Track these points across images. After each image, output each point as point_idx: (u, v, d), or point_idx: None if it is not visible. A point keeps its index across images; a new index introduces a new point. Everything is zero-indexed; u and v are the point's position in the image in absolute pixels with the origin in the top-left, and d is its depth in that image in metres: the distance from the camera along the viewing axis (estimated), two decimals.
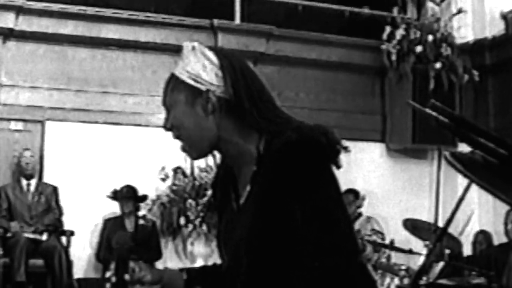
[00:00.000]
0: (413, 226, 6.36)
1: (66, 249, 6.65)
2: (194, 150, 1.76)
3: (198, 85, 1.70)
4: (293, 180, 1.60)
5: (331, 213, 1.63)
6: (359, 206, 7.14)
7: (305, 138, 1.62)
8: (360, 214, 7.08)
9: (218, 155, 1.81)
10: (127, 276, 1.76)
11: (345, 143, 1.70)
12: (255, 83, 1.73)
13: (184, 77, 1.72)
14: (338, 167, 1.66)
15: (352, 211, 6.98)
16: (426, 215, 7.79)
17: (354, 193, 6.99)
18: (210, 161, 7.29)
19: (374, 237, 6.75)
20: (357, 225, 6.88)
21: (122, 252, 1.61)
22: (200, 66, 1.71)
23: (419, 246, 6.42)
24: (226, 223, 1.80)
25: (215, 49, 1.76)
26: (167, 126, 1.77)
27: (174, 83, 1.74)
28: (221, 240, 1.84)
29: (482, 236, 6.91)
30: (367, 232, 6.82)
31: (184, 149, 1.77)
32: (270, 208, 1.63)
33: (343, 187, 1.78)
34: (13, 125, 7.07)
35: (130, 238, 6.85)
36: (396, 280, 5.91)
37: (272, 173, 1.62)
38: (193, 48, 1.74)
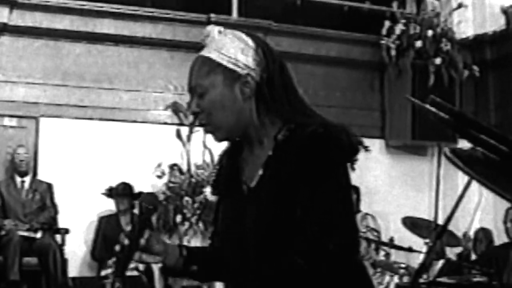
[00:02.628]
0: (412, 224, 6.30)
1: (60, 247, 6.61)
2: (224, 131, 1.75)
3: (237, 69, 1.71)
4: (314, 170, 1.63)
5: (342, 208, 1.67)
6: (358, 202, 7.07)
7: (330, 133, 1.65)
8: (357, 211, 7.01)
9: (214, 152, 1.89)
10: (142, 241, 1.76)
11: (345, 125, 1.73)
12: (287, 73, 1.76)
13: (222, 60, 1.71)
14: (353, 168, 1.72)
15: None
16: (426, 212, 7.75)
17: (354, 189, 6.93)
18: (207, 158, 7.27)
19: (368, 234, 6.69)
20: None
21: (148, 216, 1.60)
22: (238, 49, 1.71)
23: (419, 243, 6.38)
24: (231, 206, 1.81)
25: (248, 32, 1.77)
26: (195, 110, 1.77)
27: (209, 66, 1.72)
28: (223, 223, 1.84)
29: (483, 234, 6.85)
30: (362, 229, 6.77)
31: (210, 131, 1.76)
32: (287, 193, 1.65)
33: None
34: (7, 121, 7.01)
35: (125, 236, 6.79)
36: (396, 279, 5.87)
37: (295, 161, 1.64)
38: (220, 31, 1.75)
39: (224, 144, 1.89)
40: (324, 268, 1.64)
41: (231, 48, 1.72)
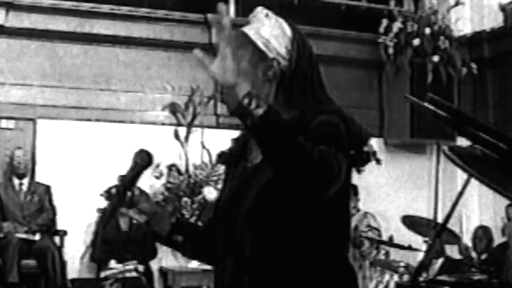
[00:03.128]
0: (411, 222, 6.30)
1: (59, 249, 6.61)
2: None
3: (267, 51, 1.78)
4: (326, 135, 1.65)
5: (341, 201, 1.74)
6: (357, 200, 7.05)
7: (341, 120, 1.70)
8: (357, 210, 6.99)
9: (213, 152, 1.90)
10: (129, 194, 1.83)
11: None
12: (316, 67, 1.83)
13: (256, 38, 1.79)
14: (359, 171, 1.71)
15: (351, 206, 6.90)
16: (425, 211, 7.73)
17: (353, 188, 6.91)
18: (205, 158, 7.25)
19: (369, 234, 6.68)
20: (354, 221, 6.80)
21: (139, 171, 1.62)
22: (274, 34, 1.79)
23: (418, 242, 6.36)
24: (233, 180, 1.87)
25: (289, 21, 1.85)
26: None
27: (243, 41, 1.79)
28: (222, 194, 1.90)
29: (482, 232, 6.84)
30: (362, 228, 6.76)
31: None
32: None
33: None
34: (4, 124, 6.99)
35: (125, 237, 6.78)
36: (396, 277, 5.87)
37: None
38: (267, 15, 1.82)
39: (222, 144, 1.92)
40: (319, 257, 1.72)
41: (268, 31, 1.80)
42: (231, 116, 1.62)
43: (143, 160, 1.85)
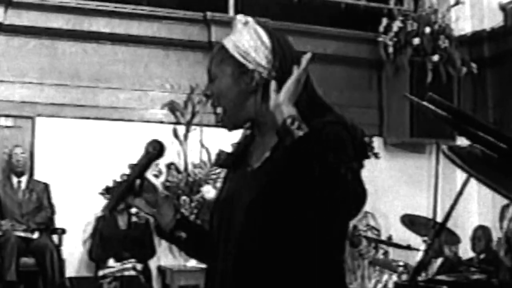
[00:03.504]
0: (411, 221, 6.28)
1: (57, 247, 6.59)
2: (230, 121, 1.82)
3: (246, 63, 1.76)
4: (319, 160, 1.61)
5: (338, 203, 1.65)
6: None
7: (342, 125, 1.69)
8: None
9: (212, 150, 1.89)
10: (138, 182, 1.82)
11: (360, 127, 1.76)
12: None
13: (234, 52, 1.77)
14: (361, 166, 1.71)
15: None
16: (424, 210, 7.72)
17: None
18: (204, 156, 7.24)
19: (368, 233, 6.67)
20: (354, 220, 6.79)
21: (150, 160, 1.64)
22: (252, 44, 1.77)
23: (417, 241, 6.35)
24: (232, 182, 1.85)
25: (268, 29, 1.81)
26: (207, 93, 1.86)
27: (223, 55, 1.79)
28: (219, 196, 1.89)
29: (481, 232, 6.82)
30: (362, 227, 6.75)
31: (220, 119, 1.83)
32: (284, 180, 1.65)
33: None
34: (3, 121, 6.97)
35: (123, 235, 6.78)
36: (394, 277, 5.85)
37: (299, 154, 1.62)
38: (246, 23, 1.79)
39: (221, 143, 1.93)
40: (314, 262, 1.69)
41: (246, 42, 1.78)
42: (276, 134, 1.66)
43: (155, 148, 1.85)
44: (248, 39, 1.78)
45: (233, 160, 1.90)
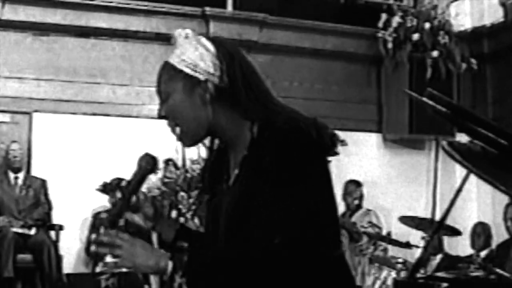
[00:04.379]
0: (409, 221, 6.26)
1: (55, 243, 6.57)
2: (189, 137, 1.80)
3: (197, 75, 1.73)
4: (281, 169, 1.63)
5: (314, 205, 1.65)
6: (361, 197, 6.99)
7: (297, 129, 1.65)
8: (359, 206, 6.95)
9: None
10: (134, 199, 1.83)
11: (341, 133, 1.74)
12: (251, 72, 1.77)
13: (182, 66, 1.75)
14: (334, 154, 1.70)
15: (350, 201, 6.86)
16: (423, 207, 7.71)
17: (356, 184, 6.87)
18: (203, 152, 7.20)
19: (369, 229, 6.65)
20: (354, 218, 6.77)
21: (144, 175, 1.64)
22: (197, 54, 1.74)
23: (416, 238, 6.34)
24: (214, 205, 1.84)
25: (210, 37, 1.80)
26: (161, 114, 1.82)
27: (170, 72, 1.77)
28: (205, 221, 1.91)
29: (481, 228, 6.80)
30: (364, 224, 6.72)
31: (178, 137, 1.81)
32: (253, 193, 1.66)
33: (339, 179, 1.75)
34: (0, 117, 6.95)
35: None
36: (393, 274, 5.83)
37: (261, 160, 1.65)
38: (187, 36, 1.78)
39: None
40: (272, 264, 1.62)
41: (192, 54, 1.75)
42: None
43: (148, 163, 1.82)
44: (192, 51, 1.75)
45: (210, 181, 1.87)
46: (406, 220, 6.33)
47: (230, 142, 1.80)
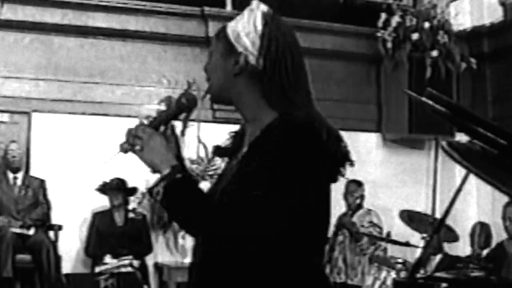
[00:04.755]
0: (409, 217, 6.25)
1: (54, 243, 6.55)
2: (212, 94, 1.89)
3: (236, 44, 1.81)
4: (280, 154, 1.66)
5: (302, 202, 1.69)
6: (362, 197, 6.98)
7: (309, 127, 1.70)
8: (360, 206, 6.94)
9: (209, 147, 1.91)
10: (161, 128, 1.88)
11: (340, 133, 1.78)
12: (293, 64, 1.80)
13: (230, 32, 1.83)
14: (340, 174, 1.77)
15: (352, 201, 6.84)
16: (423, 206, 7.70)
17: (357, 183, 6.86)
18: (202, 152, 7.19)
19: (370, 229, 6.63)
20: (355, 218, 6.75)
21: (179, 109, 1.70)
22: (245, 28, 1.81)
23: (416, 238, 6.32)
24: (217, 179, 1.92)
25: (268, 18, 1.82)
26: (205, 67, 1.92)
27: (221, 33, 1.86)
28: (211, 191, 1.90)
29: (480, 228, 6.78)
30: (365, 224, 6.71)
31: (207, 90, 1.90)
32: (248, 172, 1.70)
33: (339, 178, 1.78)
34: None
35: (120, 232, 6.74)
36: (393, 274, 5.82)
37: (267, 143, 1.69)
38: (253, 9, 1.83)
39: (219, 138, 1.99)
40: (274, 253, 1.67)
41: (241, 25, 1.82)
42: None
43: (188, 101, 1.86)
44: (244, 23, 1.82)
45: (226, 151, 1.95)
46: (406, 215, 6.31)
47: (249, 120, 1.85)
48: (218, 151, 1.99)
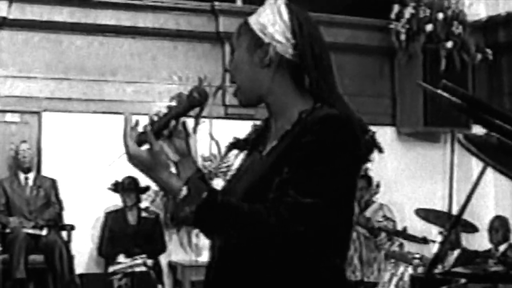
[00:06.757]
0: (425, 216, 6.17)
1: (66, 244, 6.55)
2: (242, 96, 1.83)
3: (262, 36, 1.77)
4: (319, 151, 1.64)
5: (337, 196, 1.66)
6: (374, 194, 6.89)
7: (348, 121, 1.69)
8: (372, 201, 6.85)
9: (221, 143, 1.84)
10: (172, 123, 1.82)
11: (366, 124, 1.78)
12: (321, 53, 1.78)
13: (253, 25, 1.79)
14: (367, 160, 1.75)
15: (363, 198, 6.76)
16: (439, 201, 7.62)
17: (367, 179, 6.77)
18: (214, 149, 7.14)
19: (385, 223, 6.56)
20: (367, 213, 6.67)
21: (191, 104, 1.64)
22: (270, 18, 1.77)
23: (433, 232, 6.25)
24: (242, 169, 1.87)
25: (292, 9, 1.79)
26: (227, 68, 1.90)
27: (243, 29, 1.82)
28: (230, 184, 1.88)
29: (499, 222, 6.68)
30: (378, 218, 6.63)
31: (235, 93, 1.85)
32: (283, 167, 1.65)
33: None
34: (9, 117, 6.91)
35: (133, 231, 6.71)
36: (410, 269, 5.74)
37: (302, 137, 1.66)
38: (275, 1, 1.80)
39: (231, 135, 1.91)
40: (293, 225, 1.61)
41: (266, 16, 1.78)
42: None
43: (200, 94, 1.81)
44: (268, 14, 1.79)
45: (247, 144, 1.92)
46: (422, 213, 6.23)
47: (277, 114, 1.81)
48: (238, 143, 1.96)
